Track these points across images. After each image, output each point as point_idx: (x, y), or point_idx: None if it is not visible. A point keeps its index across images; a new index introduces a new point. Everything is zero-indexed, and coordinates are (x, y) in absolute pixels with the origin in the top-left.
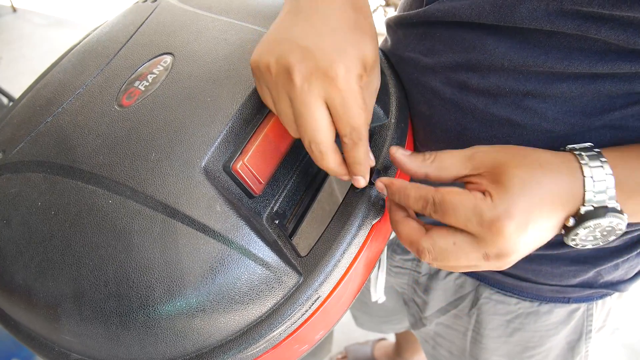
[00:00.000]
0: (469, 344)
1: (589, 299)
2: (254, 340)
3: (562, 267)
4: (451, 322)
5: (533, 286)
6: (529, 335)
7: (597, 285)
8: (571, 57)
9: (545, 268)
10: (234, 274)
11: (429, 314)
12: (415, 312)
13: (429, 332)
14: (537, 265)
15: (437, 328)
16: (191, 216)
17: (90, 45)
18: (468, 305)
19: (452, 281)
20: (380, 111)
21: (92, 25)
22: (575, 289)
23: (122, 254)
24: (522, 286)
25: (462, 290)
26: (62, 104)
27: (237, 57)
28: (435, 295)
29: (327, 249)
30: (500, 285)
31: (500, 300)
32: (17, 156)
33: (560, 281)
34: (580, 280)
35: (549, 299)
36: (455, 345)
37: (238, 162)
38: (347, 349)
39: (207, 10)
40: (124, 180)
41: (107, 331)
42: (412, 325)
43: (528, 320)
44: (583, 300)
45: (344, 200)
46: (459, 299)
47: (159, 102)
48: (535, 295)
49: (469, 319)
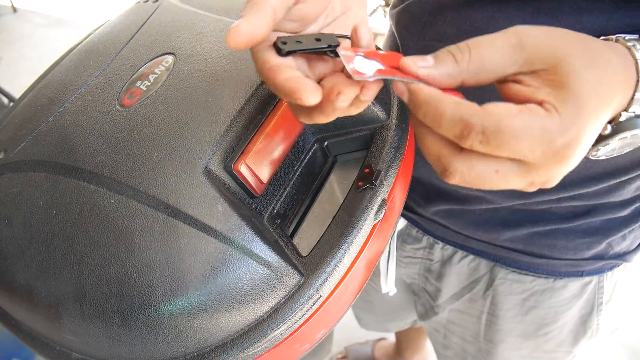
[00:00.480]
0: (484, 327)
1: (600, 271)
2: (255, 339)
3: (576, 239)
4: (465, 306)
5: (548, 262)
6: (544, 312)
7: (607, 256)
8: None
9: (560, 242)
10: (236, 274)
11: (441, 302)
12: (426, 302)
13: (441, 320)
14: (552, 239)
15: (449, 315)
16: (193, 216)
17: (91, 45)
18: (483, 288)
19: (465, 265)
20: (381, 111)
21: (92, 25)
22: (589, 262)
23: (124, 253)
24: (537, 263)
25: (477, 273)
26: (64, 104)
27: (239, 57)
28: (448, 281)
29: (328, 249)
30: (516, 263)
31: (516, 279)
32: (19, 156)
33: (574, 254)
34: (593, 252)
35: (564, 274)
36: (469, 330)
37: (240, 162)
38: (347, 349)
39: (208, 10)
40: (125, 179)
41: (108, 330)
42: (422, 315)
43: (543, 297)
44: (595, 273)
45: (345, 200)
46: (474, 282)
47: (161, 102)
48: (550, 271)
49: (484, 302)
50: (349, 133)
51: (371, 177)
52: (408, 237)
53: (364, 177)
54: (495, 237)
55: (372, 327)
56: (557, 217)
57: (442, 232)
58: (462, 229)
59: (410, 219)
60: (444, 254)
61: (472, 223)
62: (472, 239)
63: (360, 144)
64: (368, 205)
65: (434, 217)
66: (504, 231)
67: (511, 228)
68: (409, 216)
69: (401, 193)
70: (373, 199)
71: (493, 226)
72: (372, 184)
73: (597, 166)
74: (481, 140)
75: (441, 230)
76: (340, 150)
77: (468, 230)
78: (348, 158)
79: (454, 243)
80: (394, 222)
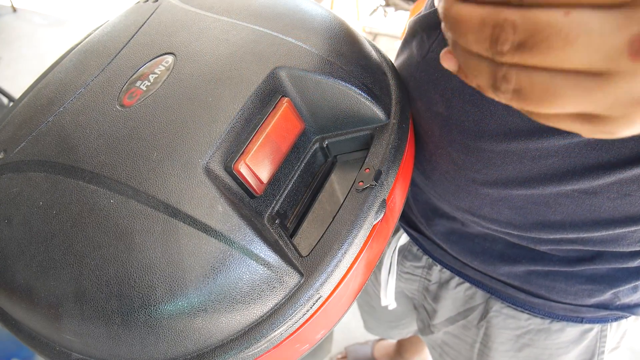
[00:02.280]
0: (476, 355)
1: (603, 320)
2: (255, 339)
3: (576, 285)
4: (459, 332)
5: (545, 303)
6: (538, 352)
7: (613, 307)
8: None
9: (559, 285)
10: (236, 274)
11: (437, 322)
12: (424, 319)
13: (437, 339)
14: (550, 281)
15: (444, 337)
16: (193, 216)
17: (91, 45)
18: (477, 317)
19: (462, 292)
20: (381, 111)
21: (92, 25)
22: (590, 309)
23: (124, 253)
24: (534, 302)
25: (472, 302)
26: (64, 104)
27: (239, 57)
28: (444, 304)
29: (328, 249)
30: (512, 299)
31: (511, 314)
32: (19, 156)
33: (574, 300)
34: (595, 300)
35: (562, 317)
36: (462, 355)
37: (240, 162)
38: (347, 349)
39: (208, 10)
40: (125, 179)
41: (108, 331)
42: (421, 330)
43: (538, 337)
44: (597, 321)
45: (345, 200)
46: (469, 309)
47: (161, 102)
48: (547, 313)
49: (478, 331)
50: (349, 133)
51: (371, 177)
52: (409, 254)
53: (364, 177)
54: (492, 270)
55: (375, 331)
56: (557, 258)
57: (440, 254)
58: (459, 255)
59: (412, 236)
60: (441, 277)
61: (470, 251)
62: (468, 267)
63: (360, 144)
64: (368, 205)
65: (434, 237)
66: (500, 265)
67: (508, 263)
68: (411, 233)
69: (401, 193)
70: (373, 199)
71: (490, 258)
72: (372, 184)
73: (603, 212)
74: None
75: (439, 252)
76: (340, 150)
77: (465, 257)
78: (348, 158)
79: (451, 268)
80: (394, 223)
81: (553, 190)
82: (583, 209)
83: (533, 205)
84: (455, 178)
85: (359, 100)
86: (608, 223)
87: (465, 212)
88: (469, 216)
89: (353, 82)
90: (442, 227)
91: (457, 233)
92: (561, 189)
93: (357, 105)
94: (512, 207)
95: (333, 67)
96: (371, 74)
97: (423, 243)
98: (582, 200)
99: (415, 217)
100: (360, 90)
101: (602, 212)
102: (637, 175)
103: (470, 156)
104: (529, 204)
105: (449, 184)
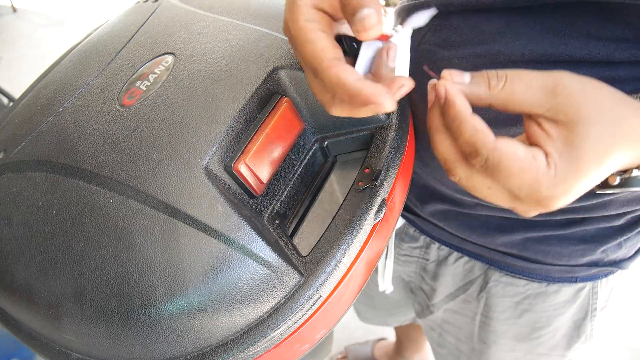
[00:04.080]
0: (478, 328)
1: (594, 277)
2: (255, 339)
3: (570, 246)
4: (459, 307)
5: (542, 267)
6: (537, 316)
7: (602, 263)
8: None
9: (554, 248)
10: (236, 274)
11: (436, 301)
12: (422, 300)
13: (436, 319)
14: (546, 245)
15: (444, 315)
16: (193, 216)
17: (91, 45)
18: (477, 289)
19: (460, 266)
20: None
21: (92, 25)
22: (583, 268)
23: (124, 253)
24: (531, 268)
25: (471, 275)
26: (64, 104)
27: (239, 57)
28: (443, 281)
29: (328, 249)
30: (510, 267)
31: (509, 282)
32: (19, 155)
33: (568, 261)
34: (587, 259)
35: (557, 279)
36: (463, 330)
37: (239, 162)
38: (347, 349)
39: (208, 10)
40: (125, 179)
41: (108, 330)
42: (419, 313)
43: (536, 301)
44: (589, 279)
45: (345, 200)
46: (468, 283)
47: (161, 102)
48: (543, 276)
49: (478, 303)
50: (349, 133)
51: (371, 177)
52: (405, 236)
53: (364, 177)
54: (490, 241)
55: (371, 320)
56: (551, 224)
57: (438, 233)
58: (457, 231)
59: (407, 218)
60: (439, 254)
61: (468, 226)
62: (467, 241)
63: (360, 144)
64: (368, 205)
65: (430, 218)
66: (498, 236)
67: (505, 233)
68: (407, 216)
69: (401, 193)
70: (373, 198)
71: (488, 230)
72: (372, 183)
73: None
74: (482, 166)
75: (437, 231)
76: (340, 150)
77: (463, 233)
78: (348, 158)
79: (450, 244)
80: (394, 222)
81: None
82: None
83: None
84: None
85: None
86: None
87: (465, 194)
88: (468, 197)
89: None
90: (438, 208)
91: (454, 212)
92: None
93: None
94: None
95: None
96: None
97: (419, 224)
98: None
99: (409, 201)
100: None
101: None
102: None
103: None
104: None
105: None
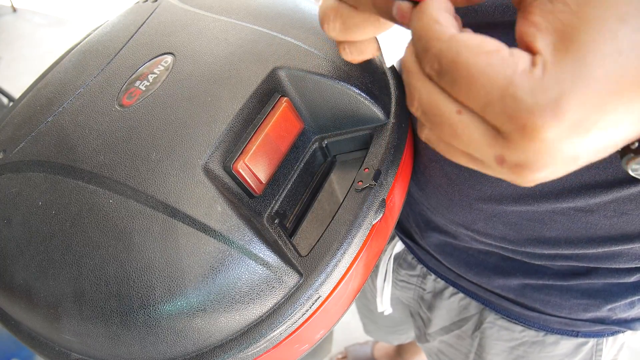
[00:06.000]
0: None
1: (599, 334)
2: (254, 339)
3: (571, 299)
4: (454, 342)
5: (540, 316)
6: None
7: (609, 321)
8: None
9: (553, 299)
10: (235, 274)
11: (432, 331)
12: (420, 326)
13: (433, 347)
14: (545, 295)
15: (440, 345)
16: (192, 216)
17: (90, 45)
18: (471, 328)
19: (456, 302)
20: (381, 111)
21: (92, 25)
22: (586, 324)
23: (123, 253)
24: (528, 315)
25: (466, 312)
26: (63, 104)
27: (238, 57)
28: (438, 313)
29: (327, 249)
30: (506, 311)
31: (505, 326)
32: (18, 156)
33: (569, 314)
34: (591, 315)
35: (556, 331)
36: None
37: (239, 162)
38: (347, 349)
39: (207, 10)
40: (124, 179)
41: (107, 331)
42: (417, 337)
43: (532, 349)
44: (593, 335)
45: (344, 200)
46: (463, 320)
47: (160, 102)
48: (541, 326)
49: (472, 342)
50: (349, 133)
51: (371, 176)
52: (404, 262)
53: (364, 176)
54: (486, 282)
55: (374, 334)
56: (552, 272)
57: (435, 264)
58: (454, 267)
59: (407, 244)
60: (435, 286)
61: (464, 263)
62: (463, 278)
63: (360, 144)
64: (368, 205)
65: (428, 248)
66: (495, 277)
67: (502, 276)
68: (406, 242)
69: (401, 193)
70: (373, 198)
71: (484, 270)
72: (372, 183)
73: (599, 229)
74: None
75: (434, 263)
76: (339, 150)
77: (459, 269)
78: (348, 158)
79: (446, 278)
80: (393, 222)
81: (548, 208)
82: (579, 227)
83: (527, 222)
84: (449, 192)
85: (358, 100)
86: (604, 241)
87: (459, 226)
88: (462, 230)
89: (352, 82)
90: (435, 239)
91: (451, 245)
92: (556, 207)
93: (357, 105)
94: (506, 223)
95: (332, 67)
96: (370, 74)
97: (417, 252)
98: (578, 217)
99: (410, 226)
100: (360, 90)
101: (598, 230)
102: (634, 194)
103: (463, 171)
104: (524, 220)
105: (442, 197)
